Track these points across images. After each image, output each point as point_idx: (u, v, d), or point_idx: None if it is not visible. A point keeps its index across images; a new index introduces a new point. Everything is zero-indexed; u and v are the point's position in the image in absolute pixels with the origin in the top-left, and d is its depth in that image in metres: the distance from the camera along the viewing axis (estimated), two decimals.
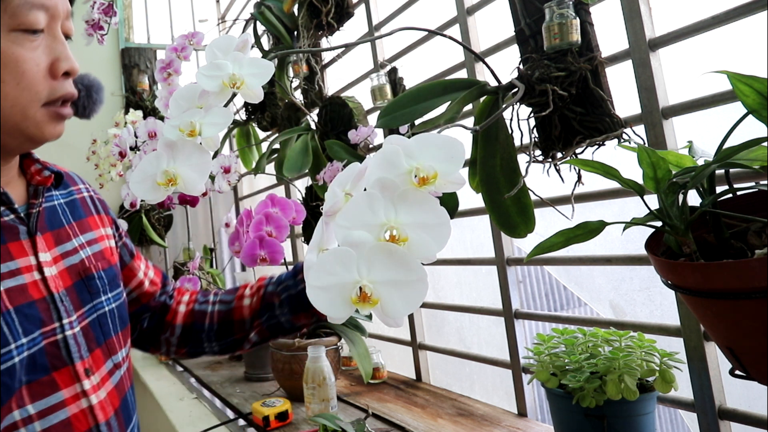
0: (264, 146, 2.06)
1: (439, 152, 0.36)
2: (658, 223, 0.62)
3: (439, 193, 0.43)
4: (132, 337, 0.86)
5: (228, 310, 0.87)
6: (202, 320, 0.88)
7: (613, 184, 0.71)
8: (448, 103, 0.94)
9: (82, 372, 0.65)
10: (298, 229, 1.91)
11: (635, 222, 0.63)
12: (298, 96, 1.79)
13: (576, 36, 0.86)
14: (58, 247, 0.69)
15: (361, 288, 0.34)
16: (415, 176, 0.35)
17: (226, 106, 0.61)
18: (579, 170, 0.93)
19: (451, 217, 1.06)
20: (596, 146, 0.91)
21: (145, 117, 2.22)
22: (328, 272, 0.34)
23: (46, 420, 0.60)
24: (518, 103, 0.93)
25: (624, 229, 0.65)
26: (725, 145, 0.57)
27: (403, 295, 0.34)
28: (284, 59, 1.74)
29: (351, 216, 0.35)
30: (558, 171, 0.95)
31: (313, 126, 1.64)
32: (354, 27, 1.58)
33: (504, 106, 0.85)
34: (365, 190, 0.36)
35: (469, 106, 1.15)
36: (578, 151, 0.92)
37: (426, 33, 1.15)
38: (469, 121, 1.16)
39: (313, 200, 1.61)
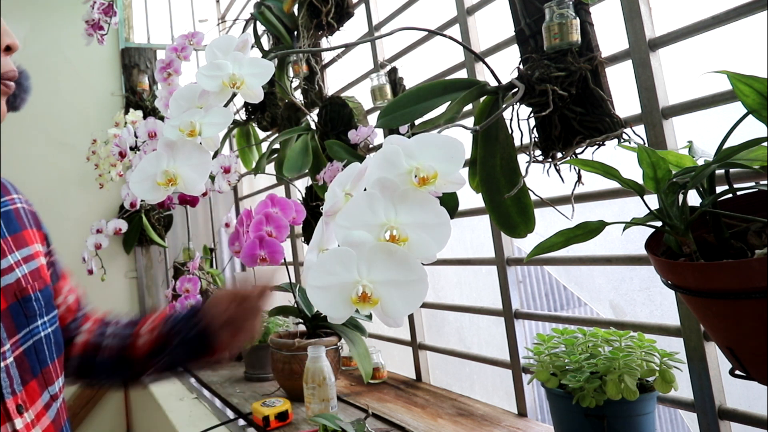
0: (264, 146, 2.06)
1: (439, 152, 0.36)
2: (658, 223, 0.62)
3: (439, 193, 0.43)
4: None
5: (123, 346, 0.82)
6: (95, 354, 0.82)
7: (613, 184, 0.71)
8: (448, 103, 0.94)
9: (14, 409, 0.57)
10: (298, 229, 1.91)
11: (635, 222, 0.63)
12: (298, 96, 1.79)
13: (576, 36, 0.86)
14: None
15: (361, 288, 0.34)
16: (415, 176, 0.35)
17: (226, 106, 0.61)
18: (579, 170, 0.93)
19: (451, 217, 1.06)
20: (596, 146, 0.91)
21: (145, 117, 2.22)
22: (328, 272, 0.34)
23: None
24: (518, 103, 0.93)
25: (624, 229, 0.65)
26: (725, 145, 0.57)
27: (403, 295, 0.34)
28: (284, 59, 1.74)
29: (351, 216, 0.35)
30: (558, 171, 0.95)
31: (313, 126, 1.64)
32: (354, 27, 1.58)
33: (504, 106, 0.85)
34: (365, 190, 0.36)
35: (469, 106, 1.15)
36: (578, 151, 0.92)
37: (426, 33, 1.15)
38: (469, 121, 1.16)
39: (313, 200, 1.61)
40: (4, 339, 0.59)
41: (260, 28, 1.84)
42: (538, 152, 0.96)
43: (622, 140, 0.87)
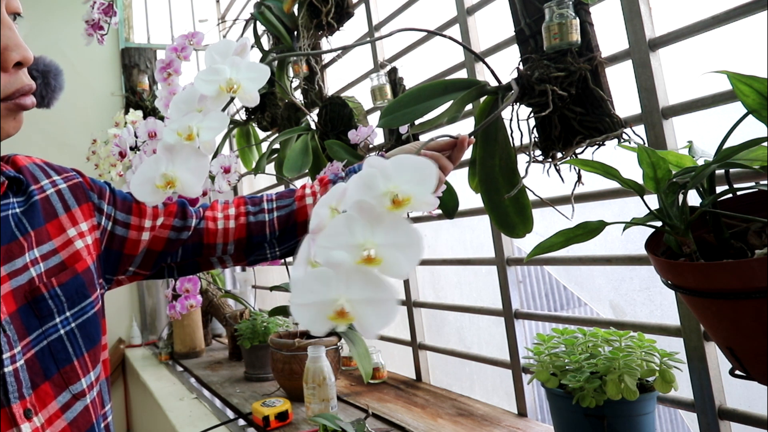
0: (264, 146, 2.06)
1: (413, 176, 0.38)
2: (658, 223, 0.62)
3: (438, 194, 0.43)
4: (167, 275, 0.83)
5: (289, 213, 0.83)
6: (261, 232, 0.83)
7: (613, 184, 0.71)
8: (449, 103, 0.94)
9: (20, 414, 0.55)
10: None
11: (635, 222, 0.63)
12: (298, 96, 1.79)
13: (576, 36, 0.86)
14: (6, 265, 0.60)
15: (339, 305, 0.37)
16: (390, 199, 0.37)
17: (224, 110, 0.61)
18: (579, 170, 0.93)
19: (452, 217, 1.06)
20: (596, 146, 0.91)
21: (145, 117, 2.22)
22: (309, 291, 0.38)
23: None
24: (518, 104, 0.93)
25: (624, 229, 0.65)
26: (725, 145, 0.57)
27: (376, 312, 0.38)
28: (284, 59, 1.74)
29: (331, 237, 0.38)
30: (558, 171, 0.95)
31: (313, 126, 1.64)
32: (354, 27, 1.58)
33: (501, 107, 0.85)
34: (344, 211, 0.39)
35: (470, 106, 1.15)
36: (578, 151, 0.92)
37: (426, 33, 1.15)
38: (470, 121, 1.16)
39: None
40: (14, 341, 0.57)
41: (260, 28, 1.84)
42: (538, 152, 0.96)
43: (622, 140, 0.87)
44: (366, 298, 0.37)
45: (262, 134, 2.15)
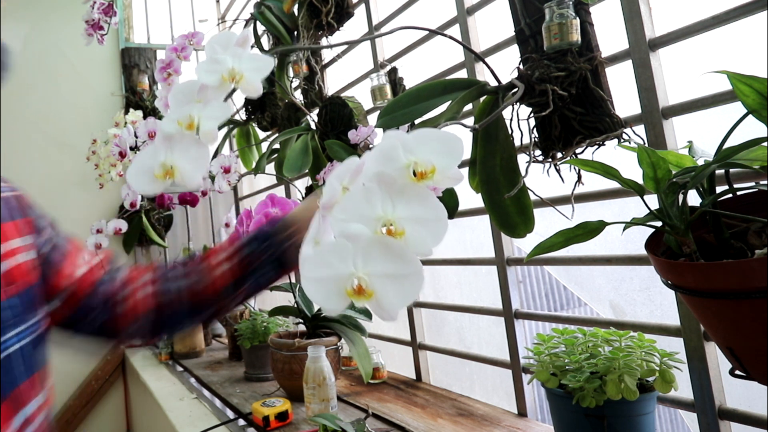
0: (264, 146, 2.07)
1: (437, 147, 0.36)
2: (658, 223, 0.62)
3: (438, 193, 0.42)
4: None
5: (201, 283, 0.75)
6: (169, 303, 0.75)
7: (613, 184, 0.71)
8: (448, 103, 0.94)
9: None
10: None
11: (635, 222, 0.63)
12: (298, 96, 1.79)
13: (576, 36, 0.86)
14: None
15: (356, 280, 0.34)
16: (413, 171, 0.35)
17: (225, 101, 0.60)
18: (579, 170, 0.93)
19: (451, 217, 1.06)
20: (596, 146, 0.91)
21: (145, 117, 2.22)
22: (324, 264, 0.34)
23: None
24: (518, 103, 0.93)
25: (624, 229, 0.65)
26: (725, 145, 0.57)
27: (398, 289, 0.34)
28: (284, 59, 1.74)
29: (348, 209, 0.35)
30: (558, 171, 0.95)
31: (313, 126, 1.64)
32: (354, 27, 1.58)
33: (504, 105, 0.85)
34: (363, 184, 0.36)
35: (469, 106, 1.15)
36: (578, 151, 0.92)
37: (426, 33, 1.15)
38: (470, 121, 1.16)
39: None
40: None
41: (260, 28, 1.84)
42: (538, 152, 0.96)
43: (622, 140, 0.87)
44: (386, 272, 0.34)
45: (262, 134, 2.15)
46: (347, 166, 0.38)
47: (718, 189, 0.60)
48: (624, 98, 0.89)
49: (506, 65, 0.99)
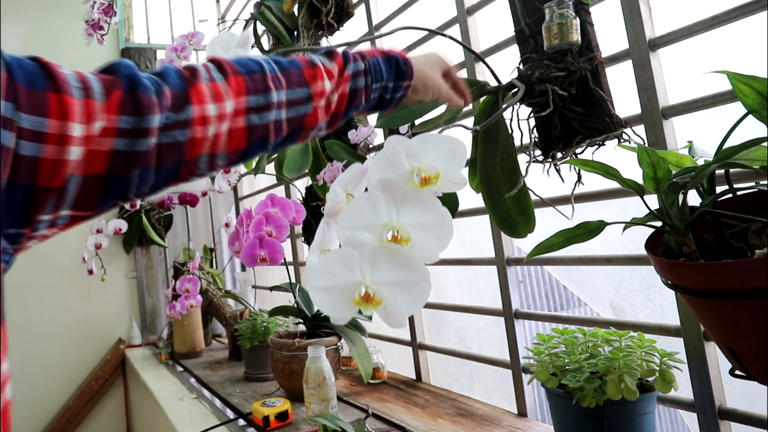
0: None
1: (440, 152, 0.36)
2: (658, 223, 0.62)
3: (439, 193, 0.42)
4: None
5: (301, 116, 0.61)
6: (264, 138, 0.58)
7: (613, 184, 0.71)
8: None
9: None
10: (298, 229, 1.91)
11: (635, 222, 0.63)
12: None
13: (576, 36, 0.86)
14: None
15: (364, 289, 0.34)
16: (417, 176, 0.35)
17: None
18: (579, 170, 0.93)
19: (452, 217, 1.06)
20: (596, 146, 0.91)
21: None
22: (331, 273, 0.34)
23: None
24: (518, 103, 0.93)
25: (624, 229, 0.65)
26: (725, 145, 0.57)
27: (407, 296, 0.34)
28: None
29: (353, 217, 0.34)
30: (558, 171, 0.95)
31: None
32: (354, 27, 1.58)
33: (504, 106, 0.85)
34: (366, 190, 0.36)
35: (469, 106, 1.15)
36: (578, 151, 0.92)
37: (426, 33, 1.15)
38: (469, 121, 1.16)
39: (313, 200, 1.61)
40: None
41: (260, 28, 1.84)
42: (538, 152, 0.96)
43: (622, 140, 0.87)
44: (394, 279, 0.34)
45: None
46: (351, 173, 0.38)
47: (718, 189, 0.60)
48: (624, 98, 0.89)
49: (506, 65, 0.99)
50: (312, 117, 0.60)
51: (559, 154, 0.93)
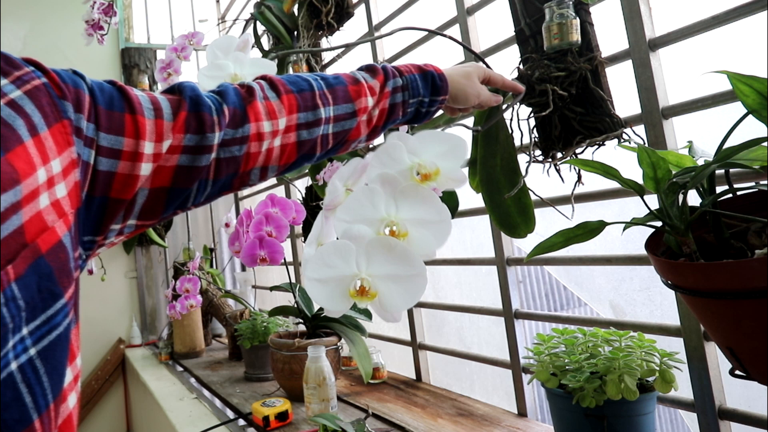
0: None
1: (441, 148, 0.36)
2: (658, 223, 0.62)
3: (439, 192, 0.42)
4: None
5: (346, 130, 0.65)
6: (311, 151, 0.62)
7: (613, 184, 0.71)
8: None
9: None
10: (298, 229, 1.91)
11: (635, 222, 0.63)
12: None
13: (576, 36, 0.86)
14: None
15: (359, 281, 0.34)
16: (417, 172, 0.35)
17: None
18: (579, 170, 0.93)
19: (451, 217, 1.06)
20: (596, 146, 0.91)
21: None
22: (327, 265, 0.34)
23: None
24: (518, 103, 0.93)
25: (624, 229, 0.65)
26: (725, 145, 0.57)
27: (402, 290, 0.34)
28: (284, 59, 1.74)
29: (351, 210, 0.35)
30: (558, 171, 0.95)
31: None
32: (354, 27, 1.58)
33: (505, 106, 0.85)
34: (366, 185, 0.36)
35: None
36: (578, 151, 0.92)
37: (426, 33, 1.15)
38: (469, 121, 1.17)
39: (313, 200, 1.61)
40: None
41: (260, 28, 1.84)
42: (538, 152, 0.96)
43: (622, 140, 0.87)
44: (389, 273, 0.34)
45: None
46: (351, 167, 0.38)
47: (718, 189, 0.60)
48: (624, 98, 0.89)
49: (506, 65, 0.99)
50: (355, 131, 0.64)
51: (559, 154, 0.93)
